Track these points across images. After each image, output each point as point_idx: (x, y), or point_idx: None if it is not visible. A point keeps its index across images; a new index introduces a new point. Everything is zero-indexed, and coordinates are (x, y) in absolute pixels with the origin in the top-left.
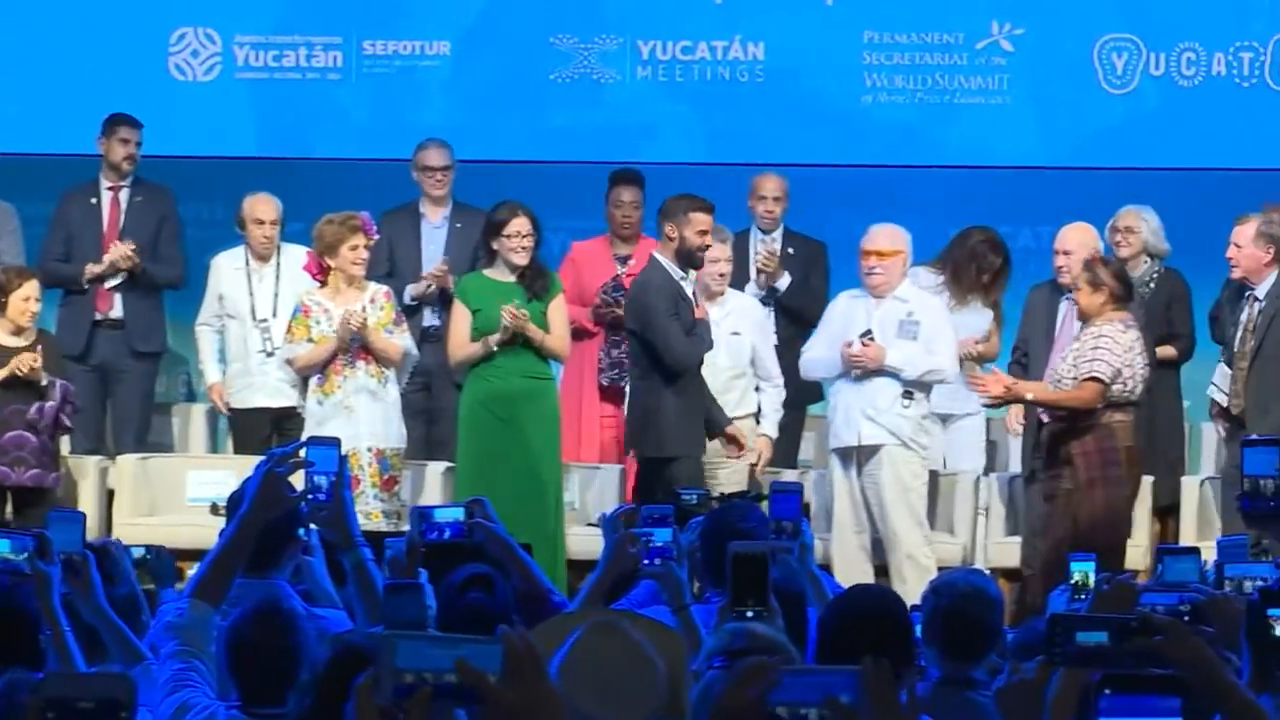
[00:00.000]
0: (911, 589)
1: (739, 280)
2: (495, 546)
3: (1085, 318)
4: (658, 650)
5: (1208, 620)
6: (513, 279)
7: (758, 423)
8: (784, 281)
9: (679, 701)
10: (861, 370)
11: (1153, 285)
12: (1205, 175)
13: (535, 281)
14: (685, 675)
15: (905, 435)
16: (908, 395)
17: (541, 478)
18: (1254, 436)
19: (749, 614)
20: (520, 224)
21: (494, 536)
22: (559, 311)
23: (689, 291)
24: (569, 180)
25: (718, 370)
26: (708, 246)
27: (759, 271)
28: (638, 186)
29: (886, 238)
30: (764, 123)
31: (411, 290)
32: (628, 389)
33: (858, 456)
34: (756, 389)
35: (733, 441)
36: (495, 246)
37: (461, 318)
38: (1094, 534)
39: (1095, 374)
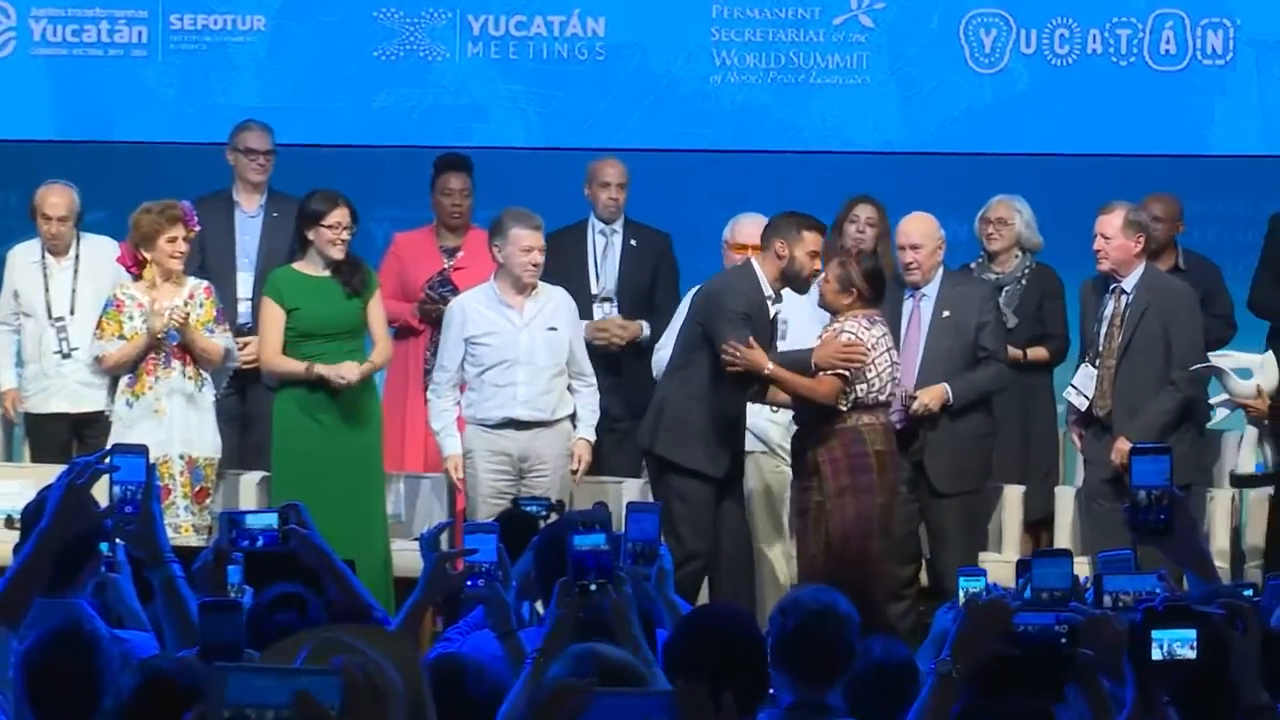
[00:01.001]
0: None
1: (578, 275)
2: (311, 555)
3: (830, 311)
4: (393, 665)
5: (1086, 642)
6: (327, 274)
7: (574, 426)
8: (645, 334)
9: (420, 717)
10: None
11: (1025, 281)
12: (1080, 161)
13: (353, 277)
14: (423, 689)
15: (774, 441)
16: (759, 397)
17: (365, 489)
18: (1143, 444)
19: (591, 587)
20: (341, 215)
21: (309, 545)
22: (378, 310)
23: (772, 314)
24: (393, 166)
25: (538, 370)
26: (818, 271)
27: (604, 344)
28: (467, 173)
29: (758, 231)
30: (604, 104)
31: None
32: (657, 385)
33: None
34: (569, 389)
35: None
36: (311, 237)
37: (275, 318)
38: (845, 546)
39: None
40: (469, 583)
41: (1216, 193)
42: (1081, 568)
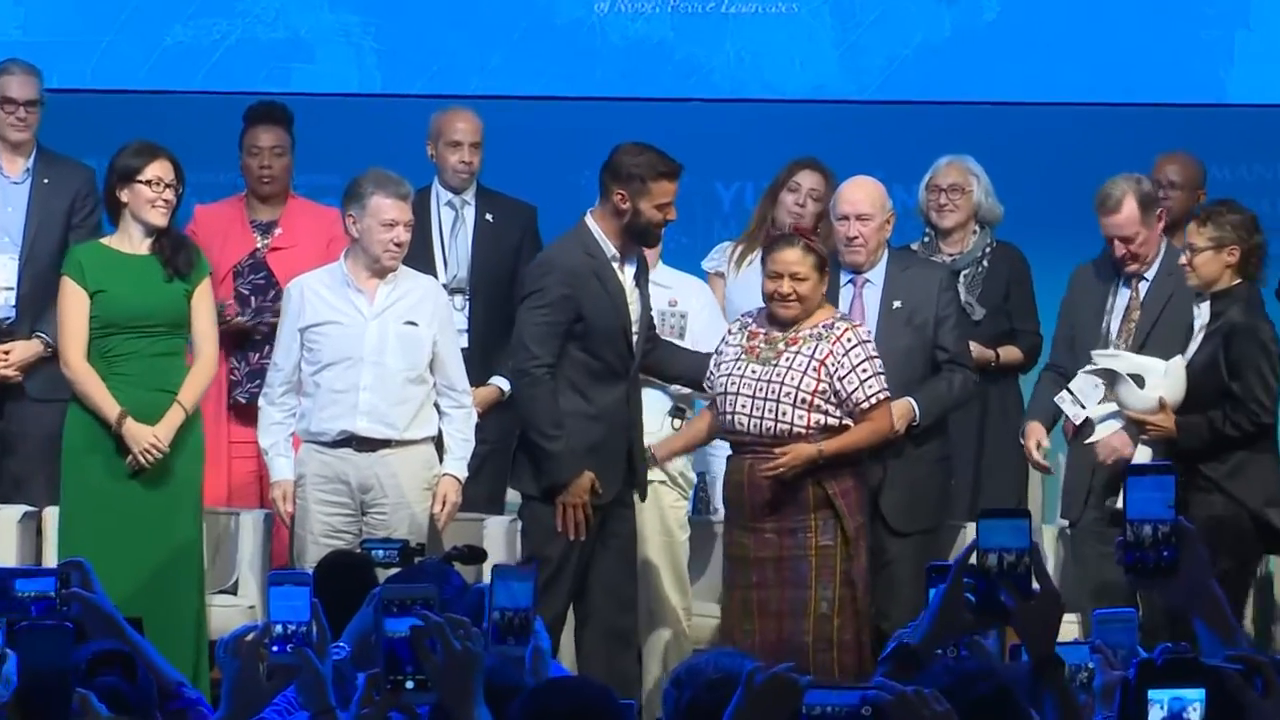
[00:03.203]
0: None
1: (420, 258)
2: (97, 625)
3: (792, 315)
4: None
5: None
6: (145, 250)
7: (439, 452)
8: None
9: None
10: None
11: (987, 264)
12: (1062, 112)
13: (176, 255)
14: None
15: (674, 468)
16: (678, 413)
17: (180, 534)
18: (1140, 462)
19: (409, 684)
20: (161, 168)
21: (96, 612)
22: (207, 304)
23: (627, 279)
24: (192, 117)
25: (387, 373)
26: (667, 222)
27: None
28: (282, 126)
29: None
30: (459, 40)
31: None
32: None
33: None
34: (437, 409)
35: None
36: (125, 199)
37: (77, 304)
38: (863, 603)
39: (885, 392)
40: (274, 648)
41: (1237, 153)
42: (1070, 628)
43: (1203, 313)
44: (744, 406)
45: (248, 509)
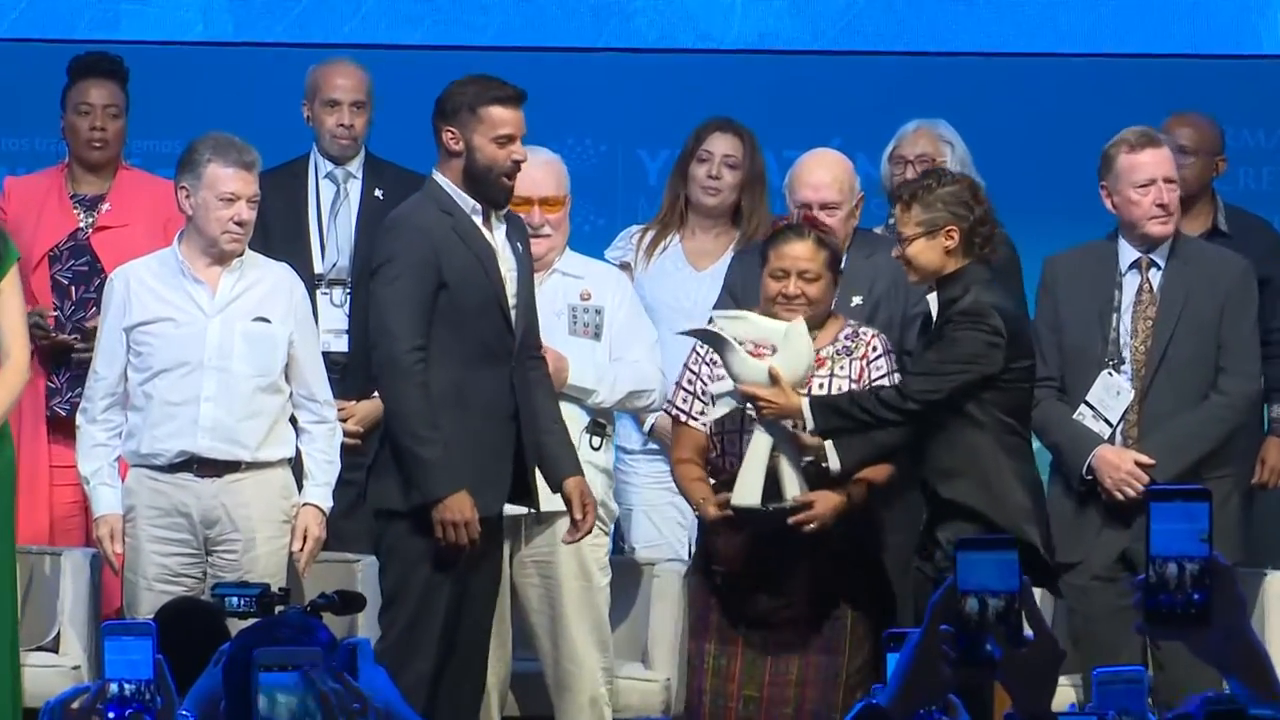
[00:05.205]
0: None
1: (294, 242)
2: None
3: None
4: None
5: None
6: None
7: (298, 480)
8: None
9: None
10: None
11: None
12: (1059, 64)
13: None
14: None
15: (595, 496)
16: (597, 431)
17: None
18: (1164, 485)
19: None
20: None
21: None
22: (14, 299)
23: (497, 240)
24: (5, 73)
25: (234, 380)
26: (517, 164)
27: None
28: (115, 81)
29: (552, 178)
30: None
31: None
32: None
33: (521, 530)
34: (294, 424)
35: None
36: None
37: None
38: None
39: None
40: (111, 714)
41: (1274, 114)
42: (1067, 692)
43: (934, 304)
44: None
45: (71, 548)
